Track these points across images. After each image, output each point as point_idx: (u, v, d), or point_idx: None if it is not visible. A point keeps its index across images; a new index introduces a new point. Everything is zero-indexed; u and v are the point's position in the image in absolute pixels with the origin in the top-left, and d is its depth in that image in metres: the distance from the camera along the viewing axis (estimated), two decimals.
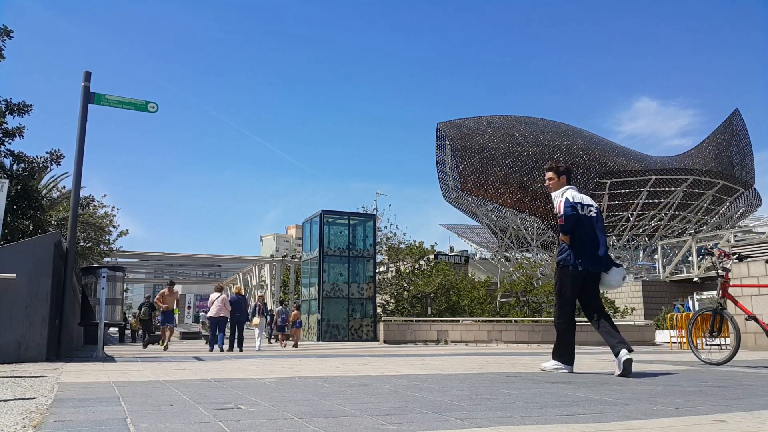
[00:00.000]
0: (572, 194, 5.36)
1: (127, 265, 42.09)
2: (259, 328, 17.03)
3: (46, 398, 3.07)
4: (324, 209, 24.76)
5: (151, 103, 8.59)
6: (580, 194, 5.45)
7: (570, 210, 5.23)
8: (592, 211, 5.39)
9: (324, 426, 2.21)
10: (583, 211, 5.34)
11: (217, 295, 14.92)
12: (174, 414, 2.48)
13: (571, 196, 5.34)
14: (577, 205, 5.30)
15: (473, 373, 4.97)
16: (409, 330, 20.64)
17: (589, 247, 5.26)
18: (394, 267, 31.55)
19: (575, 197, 5.34)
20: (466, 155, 51.01)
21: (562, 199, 5.31)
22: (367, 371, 5.06)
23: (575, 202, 5.30)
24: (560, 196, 5.37)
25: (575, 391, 3.47)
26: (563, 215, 5.24)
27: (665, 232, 49.93)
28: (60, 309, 7.46)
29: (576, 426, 2.26)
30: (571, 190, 5.41)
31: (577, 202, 5.32)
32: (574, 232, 5.27)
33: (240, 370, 5.10)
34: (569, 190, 5.40)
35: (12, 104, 13.07)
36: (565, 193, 5.35)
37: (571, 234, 5.27)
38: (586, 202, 5.41)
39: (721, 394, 3.43)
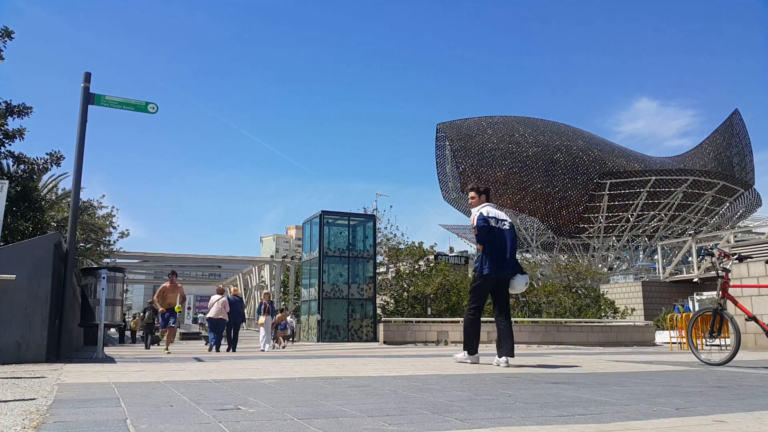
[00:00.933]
0: (488, 210, 6.22)
1: (127, 266, 42.10)
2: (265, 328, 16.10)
3: (46, 399, 3.07)
4: (324, 210, 24.77)
5: (151, 104, 8.59)
6: (495, 210, 6.33)
7: (482, 222, 6.09)
8: (505, 225, 6.25)
9: (324, 427, 2.21)
10: (497, 224, 6.20)
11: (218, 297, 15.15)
12: (174, 415, 2.48)
13: (486, 211, 6.20)
14: (491, 219, 6.16)
15: (473, 373, 4.96)
16: (409, 331, 20.64)
17: (499, 256, 6.08)
18: (394, 268, 31.56)
19: (490, 212, 6.20)
20: (465, 156, 51.05)
21: (476, 214, 6.22)
22: (367, 372, 5.06)
23: (489, 216, 6.16)
24: (476, 211, 6.27)
25: (575, 392, 3.47)
26: (476, 227, 6.14)
27: (665, 232, 49.95)
28: (60, 310, 7.46)
29: (576, 427, 2.26)
30: (488, 207, 6.29)
31: (492, 216, 6.18)
32: (486, 242, 6.08)
33: (240, 371, 5.10)
34: (486, 206, 6.28)
35: (12, 106, 13.09)
36: (481, 209, 6.25)
37: (483, 243, 6.09)
38: (500, 217, 6.29)
39: (722, 395, 3.43)
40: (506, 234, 6.21)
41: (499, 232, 6.18)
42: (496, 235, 6.16)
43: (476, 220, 6.19)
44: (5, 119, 12.71)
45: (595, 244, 51.20)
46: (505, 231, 6.23)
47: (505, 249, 6.14)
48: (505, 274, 6.14)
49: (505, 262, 6.10)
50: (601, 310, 28.14)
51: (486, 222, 6.11)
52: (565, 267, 33.68)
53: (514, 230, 6.36)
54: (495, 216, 6.24)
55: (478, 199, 6.43)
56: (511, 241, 6.21)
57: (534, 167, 49.46)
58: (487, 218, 6.14)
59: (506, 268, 6.12)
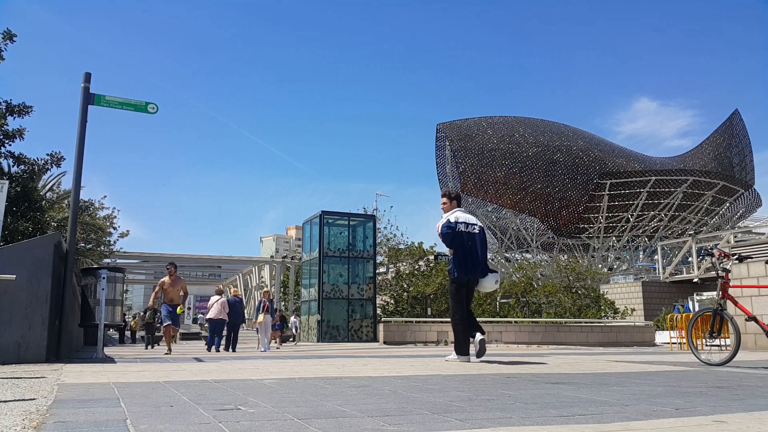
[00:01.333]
0: (457, 216, 6.53)
1: (127, 266, 42.10)
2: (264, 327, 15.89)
3: (46, 399, 3.07)
4: (324, 210, 24.76)
5: (151, 104, 8.59)
6: (465, 215, 6.62)
7: (446, 230, 6.41)
8: (475, 229, 6.52)
9: (324, 427, 2.21)
10: (467, 228, 6.48)
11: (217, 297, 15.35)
12: (174, 415, 2.48)
13: (455, 217, 6.51)
14: (459, 224, 6.46)
15: (473, 374, 4.96)
16: (409, 331, 20.64)
17: (468, 259, 6.38)
18: (394, 268, 31.55)
19: (459, 218, 6.50)
20: (465, 156, 51.03)
21: (443, 220, 6.54)
22: (367, 372, 5.06)
23: (458, 221, 6.46)
24: (444, 217, 6.59)
25: (575, 392, 3.47)
26: (440, 234, 6.48)
27: (665, 232, 49.92)
28: (60, 310, 7.46)
29: (576, 427, 2.26)
30: (458, 212, 6.59)
31: (461, 221, 6.48)
32: (455, 247, 6.39)
33: (240, 371, 5.10)
34: (456, 212, 6.57)
35: (12, 106, 13.08)
36: (450, 215, 6.55)
37: (452, 247, 6.41)
38: (470, 221, 6.57)
39: (722, 395, 3.43)
40: (476, 238, 6.49)
41: (469, 236, 6.46)
42: (465, 239, 6.44)
43: (441, 227, 6.51)
44: (5, 119, 12.70)
45: (595, 245, 51.18)
46: (475, 235, 6.51)
47: (476, 252, 6.44)
48: (475, 276, 6.46)
49: (475, 264, 6.41)
50: (601, 310, 28.13)
51: (451, 229, 6.42)
52: (565, 267, 33.67)
53: (484, 234, 6.66)
54: (464, 221, 6.51)
55: (449, 205, 6.70)
56: (481, 244, 6.49)
57: (534, 167, 49.43)
58: (455, 224, 6.44)
59: (476, 270, 6.44)
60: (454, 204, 6.71)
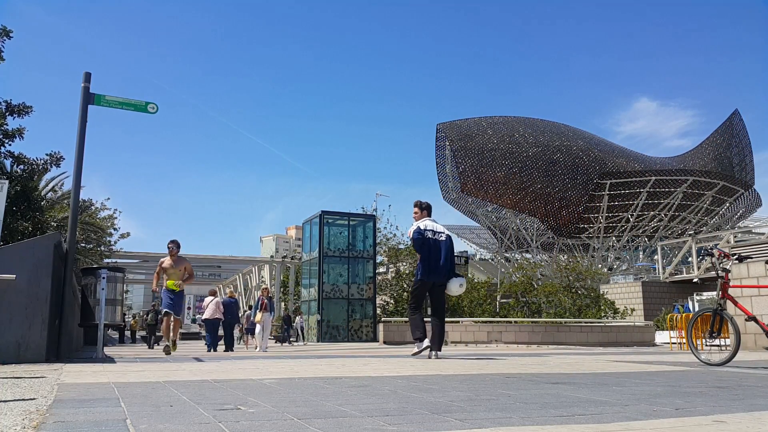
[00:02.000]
0: (425, 224, 7.17)
1: (127, 266, 42.05)
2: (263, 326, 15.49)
3: (45, 399, 3.07)
4: (324, 210, 24.75)
5: (151, 103, 8.58)
6: (433, 224, 7.25)
7: (417, 235, 7.07)
8: (441, 236, 7.14)
9: (324, 427, 2.21)
10: (433, 236, 7.10)
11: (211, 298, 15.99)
12: (174, 415, 2.48)
13: (424, 225, 7.16)
14: (427, 232, 7.09)
15: (473, 373, 4.96)
16: (409, 331, 20.62)
17: (434, 264, 6.97)
18: (393, 268, 31.53)
19: (427, 226, 7.16)
20: (465, 156, 51.01)
21: (414, 227, 7.20)
22: (367, 372, 5.06)
23: (426, 229, 7.12)
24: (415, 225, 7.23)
25: (575, 392, 3.47)
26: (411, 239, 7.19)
27: (665, 232, 49.93)
28: (60, 310, 7.45)
29: (576, 427, 2.26)
30: (427, 221, 7.23)
31: (429, 229, 7.13)
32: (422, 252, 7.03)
33: (240, 371, 5.10)
34: (425, 221, 7.22)
35: (12, 105, 13.08)
36: (419, 223, 7.21)
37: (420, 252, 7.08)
38: (437, 230, 7.19)
39: (721, 395, 3.43)
40: (441, 245, 7.07)
41: (434, 243, 7.06)
42: (431, 245, 7.05)
43: (412, 233, 7.17)
44: (5, 119, 12.70)
45: (595, 245, 51.18)
46: (441, 242, 7.09)
47: (440, 257, 7.02)
48: (438, 279, 7.03)
49: (438, 269, 6.98)
50: (600, 310, 28.12)
51: (420, 235, 7.05)
52: (565, 267, 33.66)
53: (450, 241, 7.21)
54: (432, 229, 7.16)
55: (420, 214, 7.33)
56: (446, 250, 7.06)
57: (534, 167, 49.42)
58: (423, 231, 7.08)
59: (440, 274, 6.99)
60: (424, 213, 7.33)
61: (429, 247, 7.04)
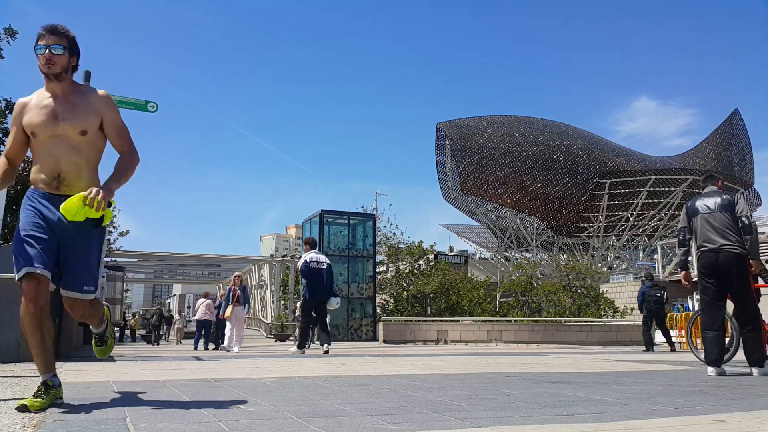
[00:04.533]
0: (310, 257, 9.45)
1: (127, 265, 41.99)
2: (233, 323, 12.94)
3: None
4: (323, 209, 24.73)
5: (151, 102, 8.59)
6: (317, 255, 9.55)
7: (304, 267, 9.39)
8: (322, 265, 9.42)
9: (324, 426, 2.21)
10: (317, 266, 9.36)
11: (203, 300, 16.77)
12: (173, 414, 2.48)
13: (309, 258, 9.42)
14: (312, 263, 9.35)
15: (473, 372, 4.97)
16: (409, 330, 20.63)
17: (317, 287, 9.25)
18: (393, 267, 31.53)
19: (312, 258, 9.42)
20: (465, 155, 50.98)
21: (302, 260, 9.56)
22: (366, 371, 5.06)
23: (311, 261, 9.39)
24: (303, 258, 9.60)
25: (575, 391, 3.47)
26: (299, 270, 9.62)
27: (665, 232, 49.90)
28: (59, 309, 7.45)
29: (576, 426, 2.26)
30: (312, 254, 9.50)
31: (314, 260, 9.40)
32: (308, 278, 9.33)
33: (239, 370, 5.10)
34: (311, 253, 9.53)
35: (12, 104, 13.06)
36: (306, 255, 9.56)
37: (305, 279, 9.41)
38: (320, 260, 9.50)
39: (721, 394, 3.43)
40: (323, 272, 9.33)
41: (318, 270, 9.32)
42: (315, 273, 9.28)
43: (300, 265, 9.56)
44: (5, 117, 12.70)
45: (595, 244, 51.17)
46: (323, 270, 9.35)
47: (322, 281, 9.25)
48: (321, 298, 9.29)
49: (321, 290, 9.25)
50: (600, 309, 28.13)
51: (307, 266, 9.32)
52: (565, 266, 33.66)
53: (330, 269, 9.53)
54: (316, 260, 9.42)
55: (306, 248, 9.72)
56: (327, 275, 9.33)
57: (534, 166, 49.40)
58: (309, 262, 9.33)
59: (322, 294, 9.25)
60: (308, 248, 9.65)
61: (314, 274, 9.23)
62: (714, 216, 5.06)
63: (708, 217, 5.09)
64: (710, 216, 5.08)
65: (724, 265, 4.90)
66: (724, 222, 4.98)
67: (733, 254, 4.88)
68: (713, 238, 4.99)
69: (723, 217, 5.00)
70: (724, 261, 4.89)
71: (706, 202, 5.19)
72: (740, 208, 4.98)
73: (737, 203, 5.01)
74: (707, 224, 5.06)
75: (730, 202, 5.04)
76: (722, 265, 4.91)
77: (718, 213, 5.05)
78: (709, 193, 5.27)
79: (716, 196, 5.16)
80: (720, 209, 5.05)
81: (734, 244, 4.90)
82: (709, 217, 5.08)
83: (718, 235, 4.97)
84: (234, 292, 13.19)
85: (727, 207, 5.03)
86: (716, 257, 4.94)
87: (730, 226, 4.95)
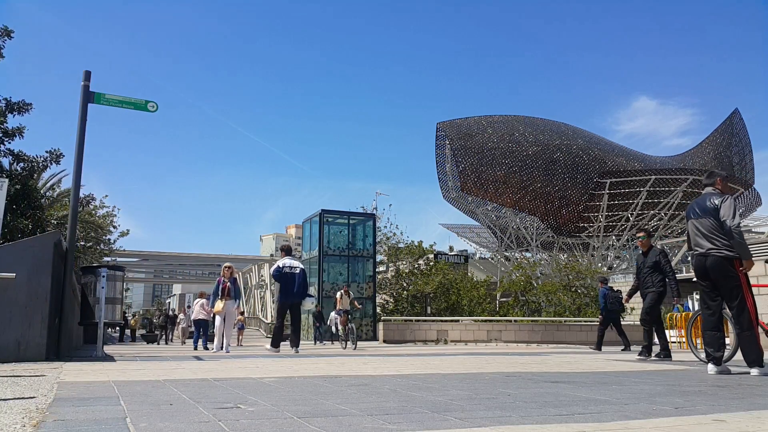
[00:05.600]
0: (284, 262, 9.98)
1: (127, 265, 42.02)
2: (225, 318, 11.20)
3: (45, 397, 3.07)
4: (324, 209, 24.74)
5: (151, 102, 8.58)
6: (291, 261, 10.07)
7: (276, 273, 9.92)
8: (296, 270, 9.96)
9: (324, 425, 2.21)
10: (290, 270, 9.90)
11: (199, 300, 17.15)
12: (173, 413, 2.48)
13: (283, 263, 9.96)
14: (285, 268, 9.89)
15: (473, 372, 4.97)
16: (409, 330, 20.63)
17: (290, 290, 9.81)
18: (393, 267, 31.53)
19: (285, 263, 9.95)
20: (465, 155, 50.96)
21: (275, 265, 10.05)
22: (366, 371, 5.06)
23: (285, 266, 9.93)
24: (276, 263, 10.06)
25: (575, 391, 3.47)
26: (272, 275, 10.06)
27: (665, 231, 49.92)
28: (59, 308, 7.45)
29: (575, 426, 2.26)
30: (286, 259, 10.05)
31: (287, 266, 9.92)
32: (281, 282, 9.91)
33: (240, 370, 5.10)
34: (285, 259, 10.06)
35: (12, 103, 13.07)
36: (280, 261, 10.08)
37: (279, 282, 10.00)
38: (294, 265, 10.03)
39: (721, 394, 3.43)
40: (296, 276, 9.88)
41: (291, 275, 9.87)
42: (288, 277, 9.84)
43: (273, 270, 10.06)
44: (5, 117, 12.69)
45: (595, 243, 51.16)
46: (296, 274, 9.90)
47: (294, 285, 9.81)
48: (294, 300, 9.88)
49: (293, 293, 9.80)
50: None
51: (278, 271, 9.87)
52: (565, 266, 33.64)
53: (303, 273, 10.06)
54: (289, 265, 9.95)
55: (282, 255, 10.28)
56: (300, 279, 9.88)
57: (534, 166, 49.38)
58: (282, 267, 9.88)
59: (295, 296, 9.84)
60: (284, 254, 10.24)
61: (287, 278, 9.80)
62: (701, 221, 5.20)
63: (696, 222, 5.25)
64: (698, 221, 5.23)
65: (711, 268, 5.06)
66: (710, 227, 5.12)
67: (719, 257, 5.02)
68: (701, 242, 5.17)
69: (709, 222, 5.13)
70: (712, 264, 5.06)
71: (696, 206, 5.33)
72: (722, 213, 5.04)
73: (720, 207, 5.06)
74: (696, 229, 5.24)
75: (715, 207, 5.13)
76: (710, 268, 5.07)
77: (704, 218, 5.18)
78: (704, 195, 5.35)
79: (706, 199, 5.27)
80: (705, 214, 5.18)
81: (720, 248, 5.03)
82: (697, 222, 5.24)
83: (705, 240, 5.13)
84: (224, 284, 11.40)
85: (711, 212, 5.14)
86: (705, 261, 5.11)
87: (716, 230, 5.08)
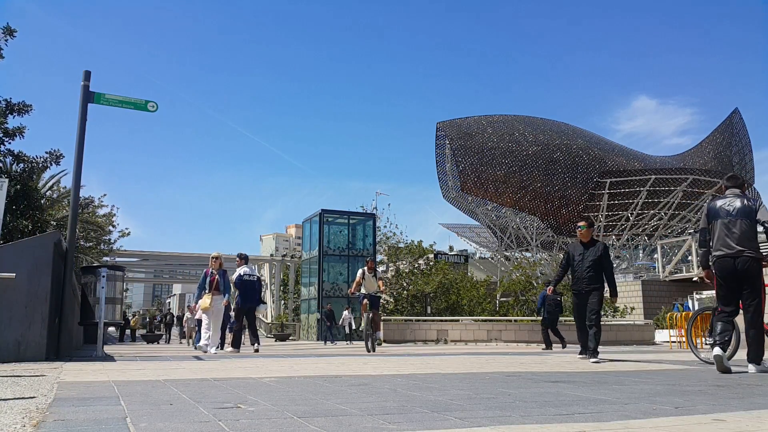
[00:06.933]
0: (243, 270, 10.69)
1: (127, 265, 41.96)
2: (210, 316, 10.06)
3: (45, 397, 3.07)
4: (324, 209, 24.74)
5: (151, 102, 8.58)
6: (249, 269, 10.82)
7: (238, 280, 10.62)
8: (253, 278, 10.79)
9: (324, 425, 2.21)
10: (249, 278, 10.67)
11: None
12: (173, 413, 2.48)
13: (243, 271, 10.66)
14: (245, 276, 10.62)
15: (473, 372, 4.97)
16: (409, 329, 20.63)
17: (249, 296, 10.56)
18: (393, 266, 31.53)
19: (245, 272, 10.69)
20: (465, 155, 50.95)
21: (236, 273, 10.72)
22: (366, 371, 5.06)
23: (244, 274, 10.64)
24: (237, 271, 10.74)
25: (575, 391, 3.47)
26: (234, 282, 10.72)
27: (665, 231, 49.89)
28: (59, 308, 7.45)
29: (575, 425, 2.26)
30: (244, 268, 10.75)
31: (246, 273, 10.66)
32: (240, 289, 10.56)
33: (240, 370, 5.10)
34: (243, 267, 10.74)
35: (12, 104, 13.04)
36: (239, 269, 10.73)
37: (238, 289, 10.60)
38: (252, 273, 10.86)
39: (721, 394, 3.43)
40: (254, 284, 10.70)
41: (249, 282, 10.62)
42: (247, 284, 10.56)
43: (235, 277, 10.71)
44: (5, 117, 12.68)
45: None
46: (254, 282, 10.72)
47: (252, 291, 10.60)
48: (251, 306, 10.63)
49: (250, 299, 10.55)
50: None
51: (240, 279, 10.58)
52: None
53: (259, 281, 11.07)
54: (248, 273, 10.70)
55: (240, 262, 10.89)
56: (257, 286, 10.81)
57: (534, 166, 49.36)
58: (242, 276, 10.60)
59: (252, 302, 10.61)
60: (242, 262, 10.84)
61: (246, 285, 10.52)
62: (734, 222, 5.21)
63: (728, 223, 5.24)
64: (730, 222, 5.23)
65: (741, 269, 5.11)
66: (743, 229, 5.16)
67: (750, 259, 5.09)
68: (731, 244, 5.18)
69: (742, 224, 5.17)
70: (742, 265, 5.10)
71: (727, 206, 5.31)
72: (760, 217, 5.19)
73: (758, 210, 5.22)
74: (726, 230, 5.23)
75: (751, 209, 5.21)
76: (740, 269, 5.12)
77: (738, 219, 5.19)
78: (731, 196, 5.34)
79: (737, 200, 5.28)
80: (740, 215, 5.20)
81: (752, 251, 5.12)
82: (729, 223, 5.23)
83: (736, 242, 5.15)
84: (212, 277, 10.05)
85: (747, 214, 5.19)
86: (734, 262, 5.14)
87: (749, 233, 5.14)
